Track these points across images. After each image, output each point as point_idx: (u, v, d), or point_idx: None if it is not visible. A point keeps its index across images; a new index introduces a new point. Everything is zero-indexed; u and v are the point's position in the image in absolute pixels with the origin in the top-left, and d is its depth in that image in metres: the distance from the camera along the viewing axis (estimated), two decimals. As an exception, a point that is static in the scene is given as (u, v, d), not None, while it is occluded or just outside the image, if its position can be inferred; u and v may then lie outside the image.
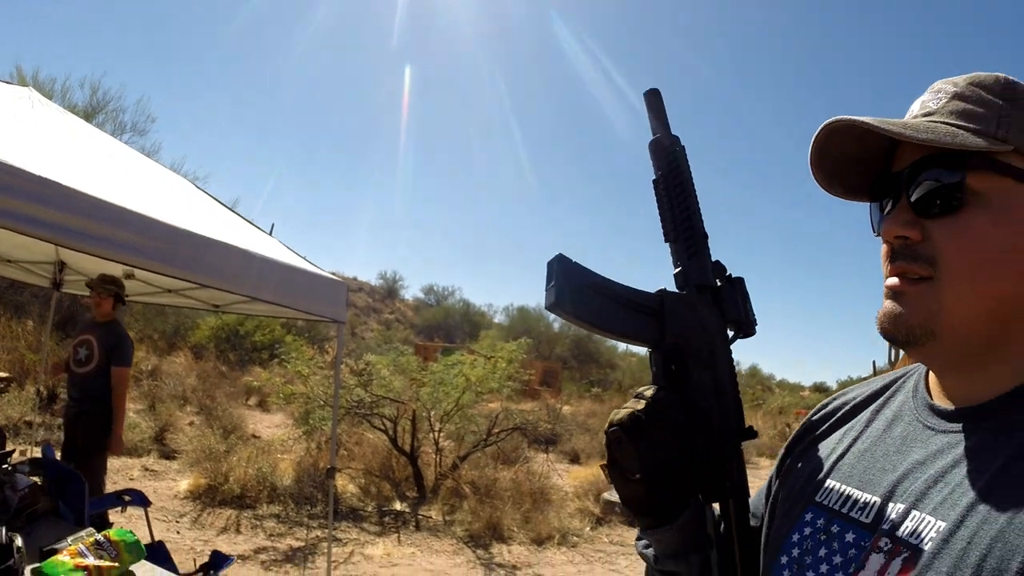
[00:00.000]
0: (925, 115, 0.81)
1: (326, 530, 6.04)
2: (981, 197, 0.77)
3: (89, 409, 5.03)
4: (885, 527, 0.78)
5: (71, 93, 16.85)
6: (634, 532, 5.26)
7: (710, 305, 0.95)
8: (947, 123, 0.78)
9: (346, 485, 8.36)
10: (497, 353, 9.69)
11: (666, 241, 0.99)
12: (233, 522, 6.79)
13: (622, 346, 44.42)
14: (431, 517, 7.77)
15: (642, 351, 1.01)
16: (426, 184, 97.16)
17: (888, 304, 0.82)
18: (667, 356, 0.93)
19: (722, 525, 0.94)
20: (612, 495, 9.04)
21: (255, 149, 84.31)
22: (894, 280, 0.82)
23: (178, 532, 6.21)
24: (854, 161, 0.88)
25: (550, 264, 0.90)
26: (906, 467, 0.81)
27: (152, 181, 4.61)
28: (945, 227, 0.78)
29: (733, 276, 0.98)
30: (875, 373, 23.22)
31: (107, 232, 3.05)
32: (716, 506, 0.95)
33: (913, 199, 0.80)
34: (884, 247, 0.84)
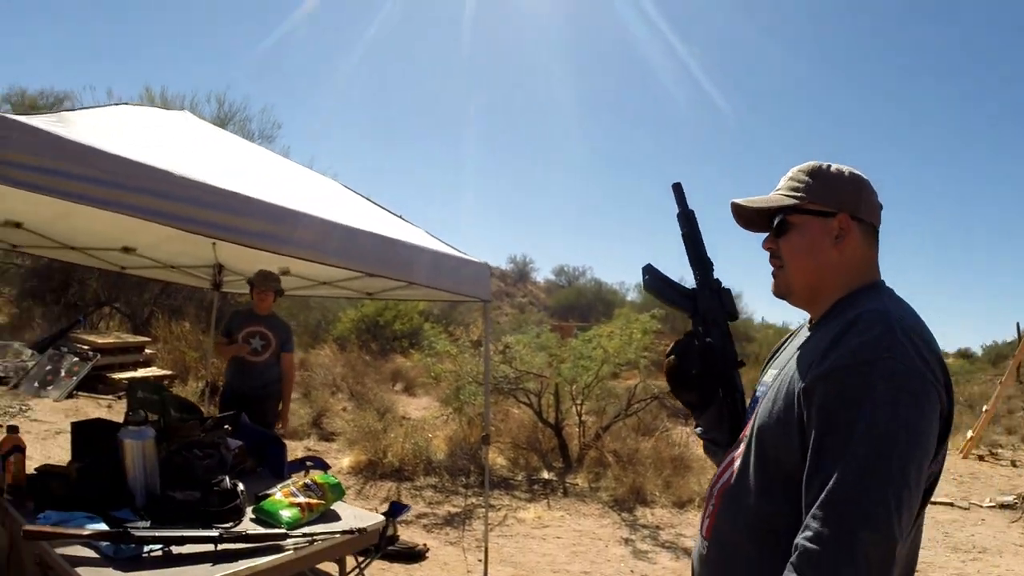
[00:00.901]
0: (776, 190, 1.60)
1: (480, 497, 6.46)
2: (795, 226, 1.53)
3: (266, 393, 5.54)
4: (764, 381, 1.58)
5: (199, 107, 17.79)
6: None
7: (714, 298, 1.73)
8: (780, 193, 1.57)
9: (496, 458, 8.80)
10: (632, 325, 9.88)
11: (690, 266, 1.78)
12: (394, 493, 7.29)
13: (758, 319, 43.79)
14: (577, 484, 8.10)
15: (778, 322, 1.74)
16: (551, 164, 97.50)
17: (773, 281, 1.60)
18: (698, 319, 1.74)
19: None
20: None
21: (380, 146, 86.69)
22: (772, 269, 1.60)
23: (344, 502, 6.74)
24: (754, 213, 1.62)
25: (643, 269, 1.84)
26: (790, 351, 1.56)
27: (306, 182, 5.01)
28: (783, 242, 1.55)
29: (723, 287, 1.75)
30: (1019, 335, 22.22)
31: (283, 231, 3.38)
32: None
33: (774, 229, 1.57)
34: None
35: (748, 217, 1.64)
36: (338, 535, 2.90)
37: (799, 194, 1.53)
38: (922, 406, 1.24)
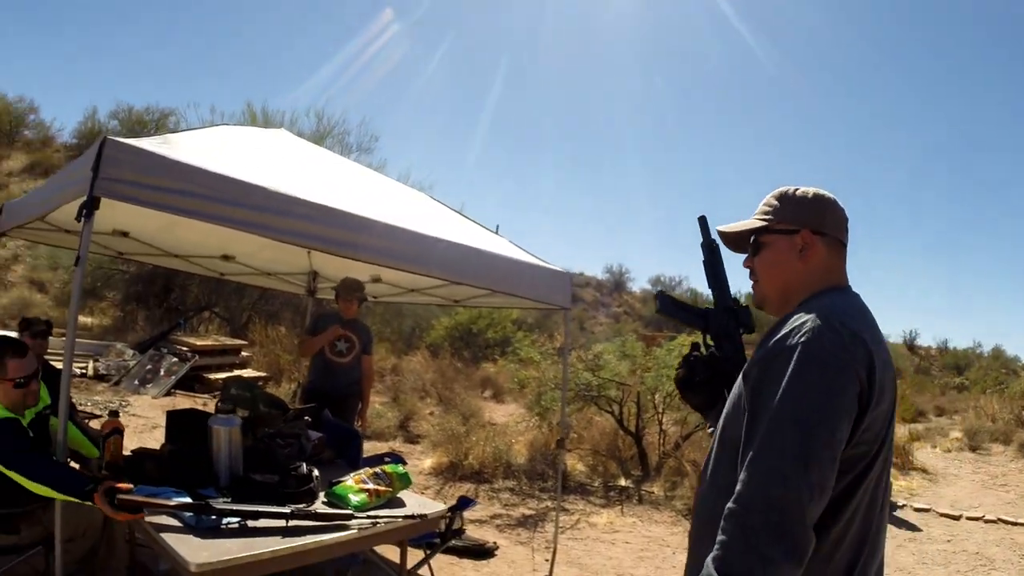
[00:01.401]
0: (753, 215, 1.83)
1: (555, 501, 6.66)
2: (766, 244, 1.77)
3: (349, 392, 5.85)
4: None
5: (299, 122, 18.48)
6: None
7: (728, 315, 2.00)
8: (755, 217, 1.81)
9: (575, 464, 8.99)
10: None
11: (709, 288, 2.04)
12: (472, 493, 7.54)
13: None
14: (653, 492, 8.21)
15: None
16: (645, 174, 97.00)
17: (752, 293, 1.84)
18: (709, 334, 2.02)
19: None
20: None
21: (476, 155, 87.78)
22: (751, 282, 1.84)
23: (412, 492, 7.03)
24: (737, 236, 1.86)
25: (656, 296, 2.11)
26: None
27: (392, 194, 5.27)
28: (758, 260, 1.79)
29: (740, 304, 2.01)
30: None
31: (365, 240, 3.68)
32: None
33: (751, 249, 1.82)
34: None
35: (734, 240, 1.88)
36: (400, 519, 3.16)
37: (768, 216, 1.77)
38: (830, 385, 1.44)
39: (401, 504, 3.39)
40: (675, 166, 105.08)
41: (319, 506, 3.13)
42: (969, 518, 8.41)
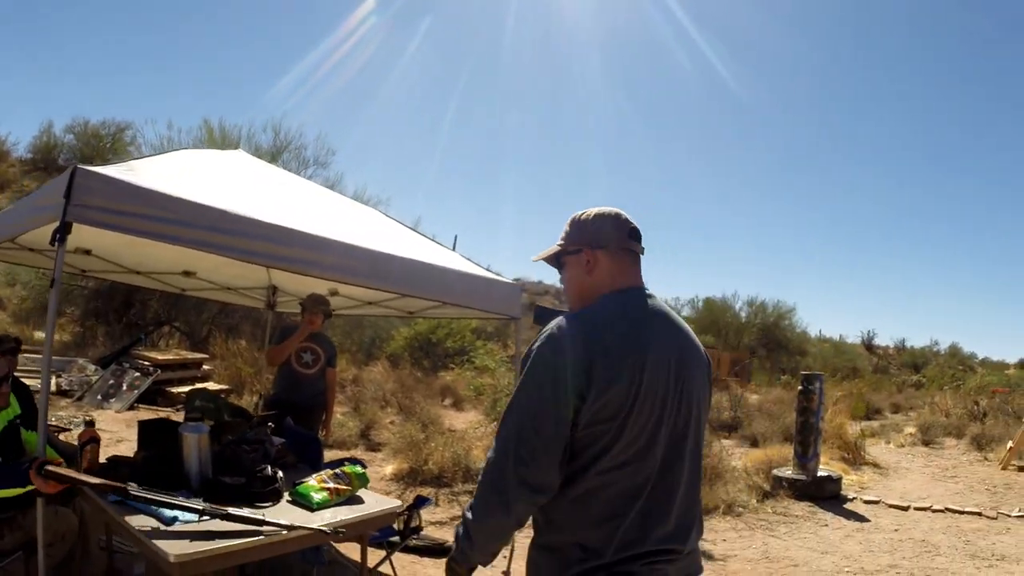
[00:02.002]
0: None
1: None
2: (565, 264, 2.15)
3: (314, 403, 6.07)
4: None
5: (256, 137, 18.81)
6: (800, 504, 6.14)
7: None
8: (557, 243, 2.17)
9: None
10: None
11: None
12: (433, 497, 7.76)
13: (814, 332, 43.48)
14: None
15: (835, 336, 2.29)
16: (607, 183, 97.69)
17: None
18: None
19: None
20: (781, 471, 9.47)
21: (438, 164, 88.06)
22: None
23: (369, 490, 7.26)
24: (548, 259, 2.22)
25: (534, 308, 2.51)
26: None
27: (347, 212, 5.45)
28: (562, 275, 2.19)
29: None
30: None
31: (321, 258, 3.90)
32: None
33: (558, 268, 2.21)
34: None
35: (549, 262, 2.26)
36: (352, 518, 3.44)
37: (562, 241, 2.17)
38: (543, 382, 1.86)
39: (360, 501, 3.65)
40: (635, 173, 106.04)
41: (244, 509, 3.17)
42: (917, 508, 8.79)
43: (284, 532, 3.05)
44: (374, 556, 4.20)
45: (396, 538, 4.39)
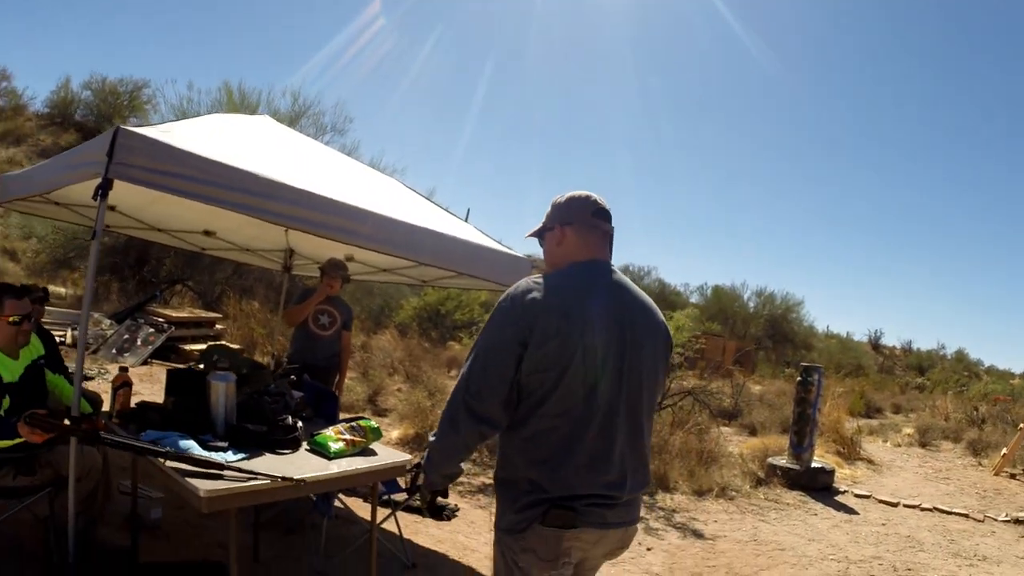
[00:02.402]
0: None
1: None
2: (545, 239, 2.50)
3: (328, 364, 6.27)
4: None
5: (275, 101, 18.83)
6: (792, 493, 6.42)
7: None
8: (540, 223, 2.51)
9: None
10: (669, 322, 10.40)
11: None
12: (436, 463, 8.01)
13: (821, 326, 43.41)
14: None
15: (842, 332, 2.48)
16: (626, 164, 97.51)
17: None
18: None
19: None
20: (777, 459, 9.68)
21: (465, 141, 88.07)
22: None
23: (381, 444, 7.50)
24: (535, 235, 2.56)
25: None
26: None
27: (373, 182, 5.61)
28: (543, 248, 2.52)
29: None
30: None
31: (335, 221, 4.02)
32: None
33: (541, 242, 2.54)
34: None
35: (537, 238, 2.57)
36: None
37: (544, 220, 2.51)
38: (499, 328, 2.19)
39: (373, 453, 3.87)
40: (654, 155, 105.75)
41: (229, 456, 3.35)
42: (906, 505, 8.96)
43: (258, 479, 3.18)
44: (380, 514, 4.45)
45: (403, 495, 4.66)
